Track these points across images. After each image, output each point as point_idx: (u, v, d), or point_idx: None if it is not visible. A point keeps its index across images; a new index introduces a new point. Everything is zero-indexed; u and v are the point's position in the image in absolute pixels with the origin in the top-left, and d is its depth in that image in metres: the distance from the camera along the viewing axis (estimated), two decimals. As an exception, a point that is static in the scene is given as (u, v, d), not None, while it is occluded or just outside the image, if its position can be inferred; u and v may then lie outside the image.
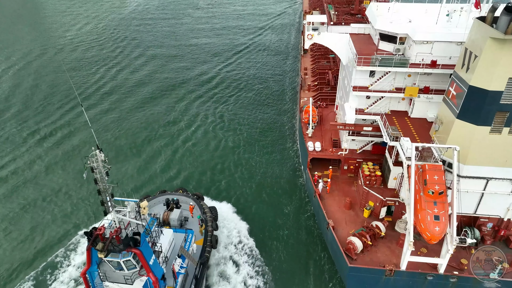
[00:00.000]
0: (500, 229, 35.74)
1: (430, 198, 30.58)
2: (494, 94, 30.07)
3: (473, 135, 31.94)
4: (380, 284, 33.32)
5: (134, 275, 29.30)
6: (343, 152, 45.14)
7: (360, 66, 39.56)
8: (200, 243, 37.64)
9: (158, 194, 43.60)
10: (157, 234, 31.97)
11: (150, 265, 28.82)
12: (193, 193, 44.72)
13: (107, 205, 28.04)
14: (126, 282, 29.43)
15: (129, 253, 28.08)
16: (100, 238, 27.01)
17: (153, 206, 41.73)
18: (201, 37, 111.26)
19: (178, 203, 40.94)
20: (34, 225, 46.56)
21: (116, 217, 28.37)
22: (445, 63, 38.33)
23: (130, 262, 28.71)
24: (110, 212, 28.24)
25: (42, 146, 61.74)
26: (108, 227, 28.39)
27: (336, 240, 35.36)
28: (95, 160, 26.69)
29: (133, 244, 27.62)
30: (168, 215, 38.93)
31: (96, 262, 29.54)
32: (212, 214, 41.13)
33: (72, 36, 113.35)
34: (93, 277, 30.18)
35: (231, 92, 79.24)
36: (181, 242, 35.29)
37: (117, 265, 29.02)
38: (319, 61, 75.64)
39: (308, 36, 46.39)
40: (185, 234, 36.45)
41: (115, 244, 27.05)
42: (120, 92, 79.99)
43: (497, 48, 28.70)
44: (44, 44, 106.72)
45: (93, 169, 26.84)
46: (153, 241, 30.71)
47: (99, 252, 26.99)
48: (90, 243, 27.55)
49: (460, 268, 33.21)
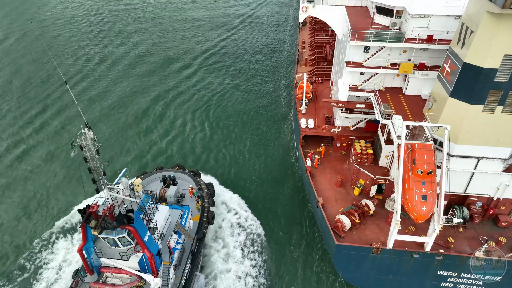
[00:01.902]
0: (489, 208, 35.66)
1: (419, 177, 30.33)
2: (488, 72, 29.04)
3: (466, 114, 31.16)
4: (367, 262, 33.67)
5: (129, 251, 29.66)
6: (335, 130, 44.57)
7: (354, 41, 38.28)
8: (197, 219, 37.94)
9: (154, 171, 43.64)
10: (152, 211, 32.07)
11: (145, 242, 29.14)
12: (190, 170, 44.66)
13: (99, 183, 28.03)
14: (122, 258, 29.92)
15: (123, 230, 28.31)
16: (93, 215, 27.21)
17: (150, 182, 41.92)
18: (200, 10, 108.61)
19: (175, 180, 40.95)
20: (29, 200, 46.98)
21: (110, 194, 28.42)
22: (442, 38, 37.02)
23: (125, 238, 29.00)
24: (102, 190, 28.26)
25: (27, 128, 60.49)
26: (101, 204, 28.50)
27: (325, 218, 35.47)
28: (84, 138, 26.43)
29: (127, 221, 27.75)
30: (165, 191, 39.10)
31: (92, 238, 29.93)
32: (209, 190, 41.24)
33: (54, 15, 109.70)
34: (89, 253, 30.71)
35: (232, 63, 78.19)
36: (177, 218, 35.49)
37: (112, 242, 29.43)
38: (317, 35, 73.56)
39: (302, 8, 44.69)
40: (181, 211, 36.62)
41: (109, 221, 27.22)
42: (110, 67, 78.60)
43: (493, 24, 27.43)
44: (24, 25, 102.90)
45: (82, 147, 26.63)
46: (148, 218, 30.88)
47: (93, 229, 27.23)
48: (83, 221, 27.75)
49: (446, 247, 33.40)
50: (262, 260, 38.90)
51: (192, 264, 34.11)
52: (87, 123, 27.09)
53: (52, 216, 44.62)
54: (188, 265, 33.62)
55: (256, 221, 42.67)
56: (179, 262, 33.83)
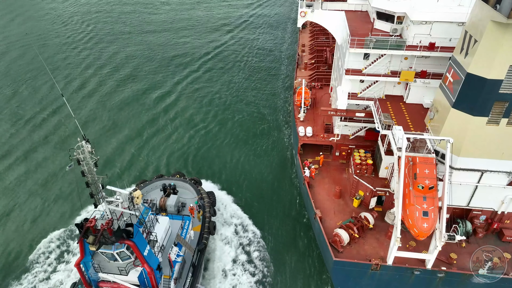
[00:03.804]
0: (493, 222, 34.39)
1: (420, 192, 29.12)
2: (493, 83, 27.79)
3: (469, 126, 29.91)
4: (366, 278, 32.50)
5: (128, 266, 28.82)
6: (335, 138, 43.34)
7: (353, 48, 37.03)
8: (198, 230, 36.83)
9: (154, 179, 42.49)
10: (151, 223, 31.03)
11: (145, 256, 28.10)
12: (190, 178, 43.51)
13: (97, 197, 26.95)
14: (121, 273, 28.97)
15: (122, 245, 27.32)
16: (91, 230, 26.21)
17: (149, 191, 40.85)
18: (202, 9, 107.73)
19: (175, 188, 39.84)
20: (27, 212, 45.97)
21: (108, 208, 27.42)
22: (445, 45, 35.77)
23: (124, 253, 28.07)
24: (100, 203, 27.24)
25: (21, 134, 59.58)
26: (100, 218, 27.47)
27: (323, 232, 34.31)
28: (81, 152, 25.36)
29: (126, 236, 26.68)
30: (165, 201, 37.98)
31: (90, 253, 28.94)
32: (210, 199, 40.13)
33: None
34: (87, 267, 29.72)
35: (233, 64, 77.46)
36: (177, 229, 34.48)
37: (111, 256, 28.51)
38: (317, 37, 72.32)
39: (301, 13, 43.56)
40: (181, 221, 35.54)
41: (107, 236, 26.24)
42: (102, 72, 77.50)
43: (498, 33, 26.17)
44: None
45: (79, 161, 25.58)
46: (148, 231, 29.87)
47: (91, 245, 26.21)
48: (81, 235, 26.73)
49: (449, 263, 32.19)
50: (261, 271, 37.91)
51: (193, 277, 33.05)
52: (84, 136, 26.08)
53: (50, 227, 43.33)
54: (189, 278, 32.59)
55: (256, 232, 41.68)
56: (180, 275, 32.59)
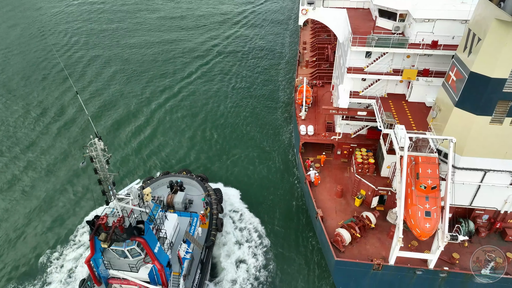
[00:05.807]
0: (496, 222, 34.17)
1: (422, 192, 28.94)
2: (496, 82, 27.47)
3: (472, 125, 29.63)
4: (368, 278, 32.35)
5: (139, 263, 29.00)
6: (336, 137, 43.09)
7: (355, 46, 36.70)
8: (205, 227, 36.95)
9: (161, 176, 42.55)
10: (161, 220, 31.18)
11: (155, 253, 28.36)
12: (197, 175, 43.50)
13: (108, 194, 27.10)
14: (131, 270, 29.16)
15: (133, 242, 27.51)
16: (102, 227, 26.43)
17: (156, 188, 40.97)
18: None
19: (182, 186, 39.81)
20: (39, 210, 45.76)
21: (119, 205, 27.50)
22: (448, 43, 35.40)
23: (134, 250, 28.28)
24: (112, 200, 27.38)
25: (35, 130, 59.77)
26: (110, 215, 27.66)
27: (324, 232, 34.15)
28: (94, 149, 25.45)
29: (137, 233, 26.94)
30: (172, 198, 38.07)
31: (100, 249, 29.06)
32: (217, 196, 40.18)
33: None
34: (97, 264, 29.94)
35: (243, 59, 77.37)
36: (186, 226, 34.75)
37: (121, 253, 28.70)
38: (319, 35, 71.80)
39: (302, 11, 43.08)
40: (189, 218, 35.73)
41: (119, 233, 26.51)
42: (112, 66, 77.45)
43: (502, 32, 25.80)
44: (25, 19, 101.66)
45: (92, 159, 25.68)
46: (158, 228, 30.03)
47: (102, 242, 26.47)
48: (93, 233, 26.99)
49: (451, 263, 32.01)
50: (262, 270, 37.75)
51: (201, 274, 33.30)
52: (97, 133, 26.07)
53: (61, 224, 43.49)
54: (197, 274, 32.80)
55: (258, 229, 41.46)
56: (189, 272, 32.82)
